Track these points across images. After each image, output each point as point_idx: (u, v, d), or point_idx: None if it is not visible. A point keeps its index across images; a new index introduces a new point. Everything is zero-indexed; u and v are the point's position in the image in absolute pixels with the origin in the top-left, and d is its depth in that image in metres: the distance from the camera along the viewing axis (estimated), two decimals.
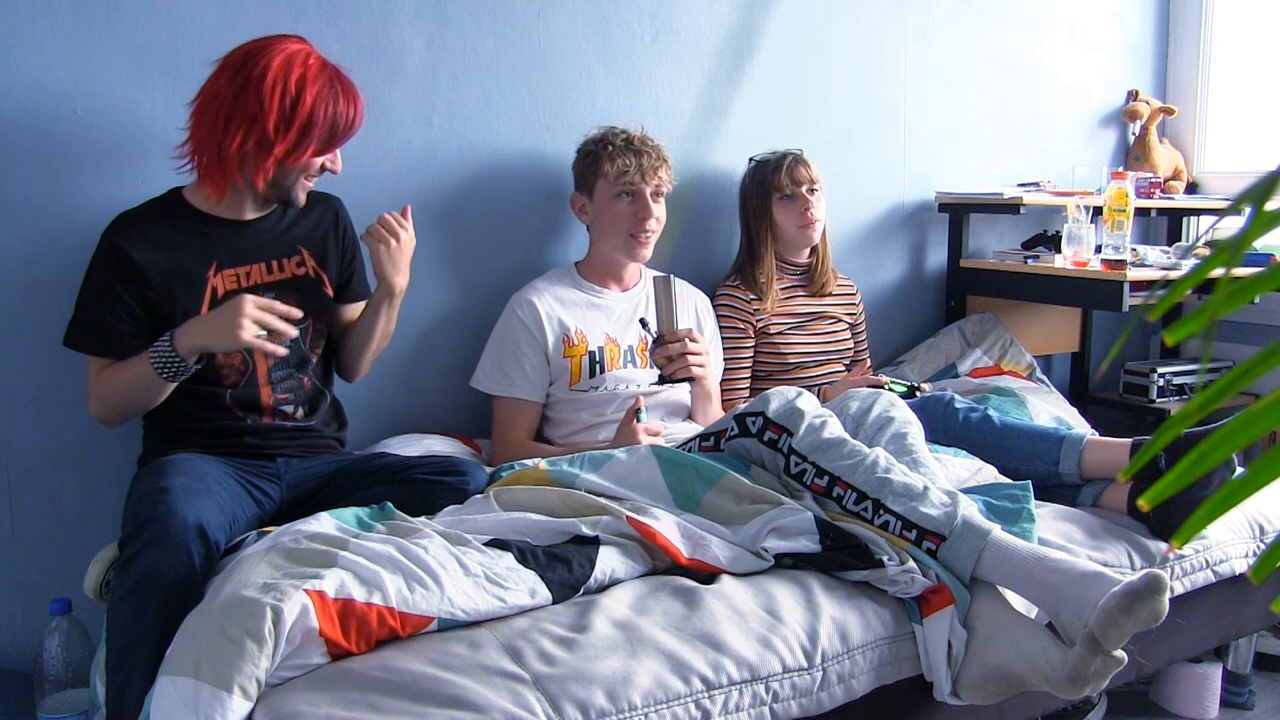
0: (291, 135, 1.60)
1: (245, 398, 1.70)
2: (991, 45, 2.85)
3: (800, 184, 2.30)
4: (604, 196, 2.08)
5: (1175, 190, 3.03)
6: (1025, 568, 1.42)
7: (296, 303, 1.73)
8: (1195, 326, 0.54)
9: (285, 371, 1.74)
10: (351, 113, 1.66)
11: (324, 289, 1.80)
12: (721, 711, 1.25)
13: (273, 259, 1.73)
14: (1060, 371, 3.06)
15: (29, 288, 1.79)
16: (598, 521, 1.48)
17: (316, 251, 1.79)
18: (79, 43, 1.78)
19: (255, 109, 1.58)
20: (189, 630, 1.21)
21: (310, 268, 1.78)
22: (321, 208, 1.82)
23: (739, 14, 2.44)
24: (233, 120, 1.58)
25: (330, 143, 1.66)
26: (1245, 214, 0.53)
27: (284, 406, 1.74)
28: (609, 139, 2.08)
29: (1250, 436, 0.56)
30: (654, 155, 2.07)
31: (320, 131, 1.62)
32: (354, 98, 1.67)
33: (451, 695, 1.16)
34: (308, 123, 1.60)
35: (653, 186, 2.07)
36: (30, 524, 1.83)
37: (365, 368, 1.90)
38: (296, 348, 1.74)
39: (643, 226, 2.07)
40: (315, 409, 1.80)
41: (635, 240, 2.08)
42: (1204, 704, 2.05)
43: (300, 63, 1.61)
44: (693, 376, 2.00)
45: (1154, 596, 1.30)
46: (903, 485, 1.52)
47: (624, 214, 2.07)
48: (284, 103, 1.58)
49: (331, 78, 1.64)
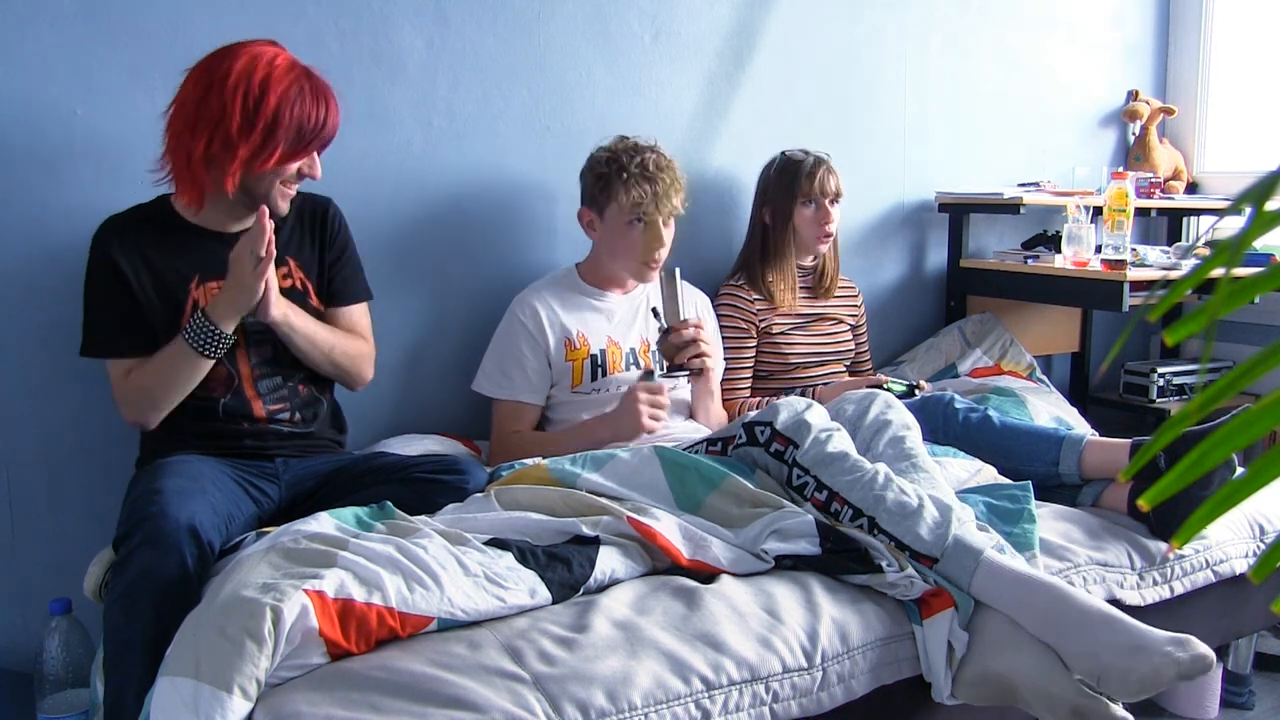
0: (255, 137, 1.56)
1: (237, 410, 1.69)
2: (991, 45, 2.85)
3: (827, 195, 2.30)
4: (615, 221, 2.03)
5: (1175, 190, 3.03)
6: (1019, 593, 1.41)
7: None
8: (1195, 326, 0.54)
9: (272, 382, 1.73)
10: (321, 114, 1.61)
11: (309, 300, 1.77)
12: (721, 711, 1.25)
13: None
14: (1060, 371, 3.06)
15: (29, 288, 1.79)
16: (598, 521, 1.48)
17: (303, 260, 1.77)
18: (79, 44, 1.78)
19: (218, 112, 1.55)
20: (188, 630, 1.21)
21: (297, 279, 1.75)
22: (310, 212, 1.79)
23: (739, 14, 2.44)
24: (198, 125, 1.56)
25: (299, 145, 1.61)
26: (1245, 214, 0.53)
27: (279, 415, 1.74)
28: (623, 162, 2.00)
29: (1250, 436, 0.56)
30: (668, 181, 2.01)
31: (286, 133, 1.58)
32: (325, 99, 1.62)
33: (451, 695, 1.15)
34: (272, 124, 1.56)
35: (666, 214, 2.04)
36: (30, 524, 1.83)
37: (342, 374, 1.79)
38: (280, 360, 1.73)
39: (654, 255, 2.05)
40: (314, 416, 1.79)
41: (647, 267, 2.06)
42: (1204, 704, 2.05)
43: (265, 64, 1.58)
44: (701, 367, 1.99)
45: (1201, 675, 1.30)
46: (897, 504, 1.51)
47: (636, 241, 2.03)
48: (247, 104, 1.55)
49: (299, 79, 1.60)
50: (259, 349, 1.72)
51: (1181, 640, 1.31)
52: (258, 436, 1.71)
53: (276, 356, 1.73)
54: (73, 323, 1.80)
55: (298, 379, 1.76)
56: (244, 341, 1.69)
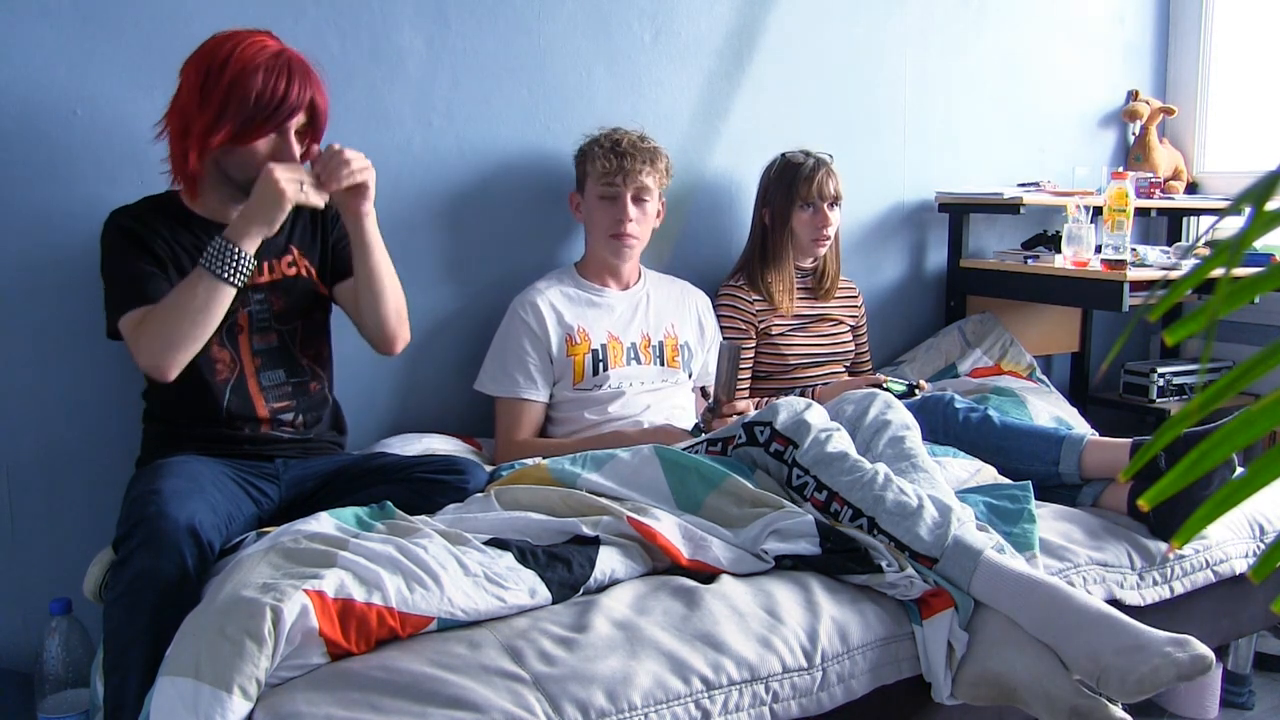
0: (209, 111, 1.55)
1: (240, 412, 1.69)
2: (991, 45, 2.85)
3: (825, 199, 2.30)
4: (591, 196, 2.11)
5: (1175, 190, 3.03)
6: (1018, 593, 1.41)
7: (286, 304, 1.72)
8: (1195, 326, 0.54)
9: (275, 376, 1.72)
10: (281, 88, 1.56)
11: (314, 288, 1.78)
12: (721, 711, 1.25)
13: (264, 259, 1.70)
14: (1060, 371, 3.06)
15: (29, 288, 1.79)
16: (598, 521, 1.48)
17: (306, 248, 1.77)
18: (79, 43, 1.78)
19: (182, 93, 1.59)
20: (188, 630, 1.21)
21: (301, 266, 1.76)
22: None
23: (739, 14, 2.44)
24: (172, 111, 1.61)
25: (256, 121, 1.56)
26: (1245, 214, 0.53)
27: (282, 416, 1.73)
28: (601, 139, 2.09)
29: (1250, 436, 0.56)
30: (639, 158, 2.06)
31: (238, 108, 1.54)
32: (293, 77, 1.58)
33: (451, 695, 1.15)
34: (225, 98, 1.54)
35: (633, 190, 2.07)
36: (30, 524, 1.83)
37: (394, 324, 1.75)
38: (285, 351, 1.73)
39: (619, 229, 2.08)
40: (317, 419, 1.79)
41: (615, 240, 2.09)
42: (1204, 704, 2.05)
43: (235, 43, 1.57)
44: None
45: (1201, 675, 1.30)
46: (896, 504, 1.51)
47: (605, 215, 2.09)
48: (206, 80, 1.56)
49: (271, 57, 1.57)
50: (263, 335, 1.70)
51: (1181, 640, 1.31)
52: (258, 442, 1.70)
53: (282, 346, 1.73)
54: (73, 322, 1.81)
55: (304, 375, 1.76)
56: (247, 325, 1.68)
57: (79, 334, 1.82)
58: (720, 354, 1.98)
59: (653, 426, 2.04)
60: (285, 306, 1.73)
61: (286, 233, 1.73)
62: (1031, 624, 1.39)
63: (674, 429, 2.00)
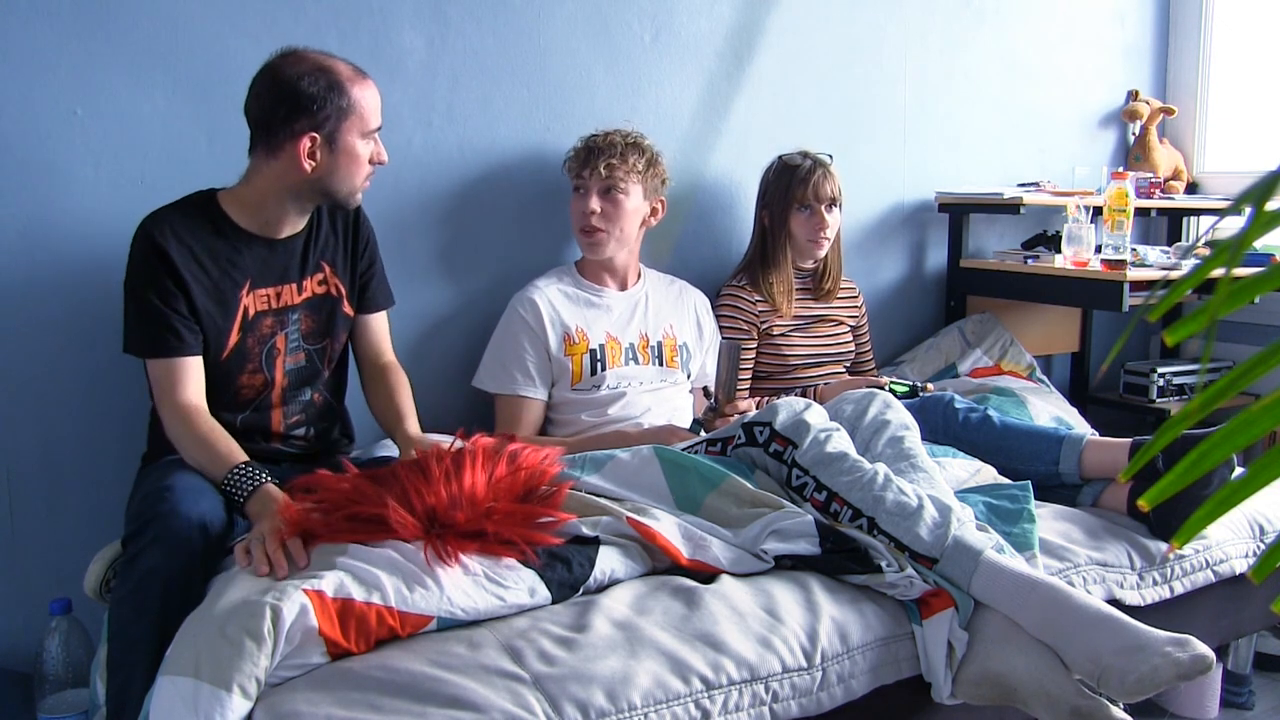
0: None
1: (257, 423, 1.68)
2: (991, 45, 2.85)
3: (822, 201, 2.30)
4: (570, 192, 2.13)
5: (1175, 190, 3.03)
6: (1018, 593, 1.41)
7: (315, 323, 1.72)
8: (1195, 326, 0.55)
9: (299, 395, 1.72)
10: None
11: (342, 306, 1.76)
12: (721, 711, 1.25)
13: (302, 278, 1.69)
14: (1060, 371, 3.06)
15: (29, 288, 1.78)
16: (598, 522, 1.48)
17: (337, 266, 1.75)
18: (78, 43, 1.77)
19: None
20: (189, 630, 1.21)
21: (332, 285, 1.74)
22: (341, 217, 1.77)
23: (739, 14, 2.44)
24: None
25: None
26: (1245, 214, 0.53)
27: (295, 431, 1.73)
28: (583, 139, 2.11)
29: (1250, 436, 0.56)
30: (608, 152, 2.05)
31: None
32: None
33: (451, 695, 1.16)
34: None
35: (597, 184, 2.06)
36: (30, 524, 1.83)
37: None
38: (312, 369, 1.73)
39: (584, 222, 2.08)
40: (327, 431, 1.79)
41: (582, 235, 2.10)
42: (1204, 704, 2.05)
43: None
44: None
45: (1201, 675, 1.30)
46: (896, 504, 1.51)
47: (574, 209, 2.11)
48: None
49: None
50: (294, 355, 1.70)
51: (1181, 640, 1.31)
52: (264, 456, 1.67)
53: (310, 365, 1.73)
54: (73, 322, 1.81)
55: (318, 386, 1.75)
56: (283, 348, 1.67)
57: (79, 334, 1.82)
58: (720, 353, 1.98)
59: (654, 426, 2.04)
60: (314, 326, 1.72)
61: (319, 250, 1.72)
62: (1031, 624, 1.39)
63: (677, 428, 2.00)
